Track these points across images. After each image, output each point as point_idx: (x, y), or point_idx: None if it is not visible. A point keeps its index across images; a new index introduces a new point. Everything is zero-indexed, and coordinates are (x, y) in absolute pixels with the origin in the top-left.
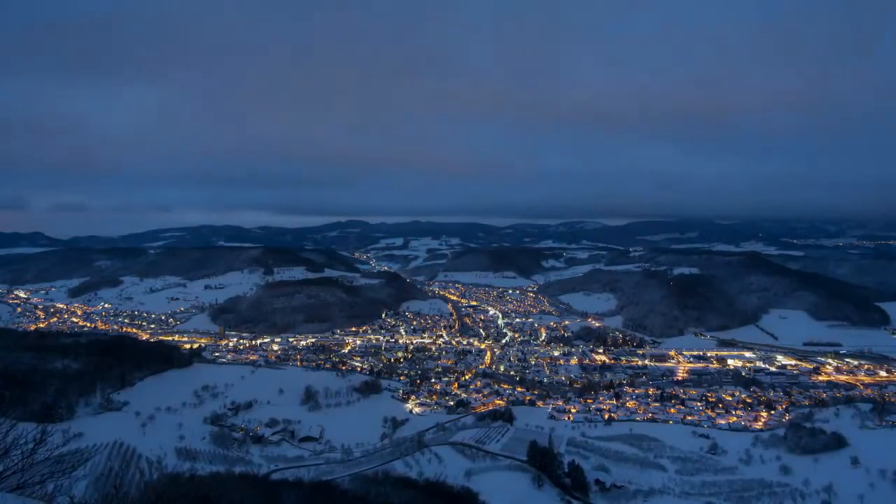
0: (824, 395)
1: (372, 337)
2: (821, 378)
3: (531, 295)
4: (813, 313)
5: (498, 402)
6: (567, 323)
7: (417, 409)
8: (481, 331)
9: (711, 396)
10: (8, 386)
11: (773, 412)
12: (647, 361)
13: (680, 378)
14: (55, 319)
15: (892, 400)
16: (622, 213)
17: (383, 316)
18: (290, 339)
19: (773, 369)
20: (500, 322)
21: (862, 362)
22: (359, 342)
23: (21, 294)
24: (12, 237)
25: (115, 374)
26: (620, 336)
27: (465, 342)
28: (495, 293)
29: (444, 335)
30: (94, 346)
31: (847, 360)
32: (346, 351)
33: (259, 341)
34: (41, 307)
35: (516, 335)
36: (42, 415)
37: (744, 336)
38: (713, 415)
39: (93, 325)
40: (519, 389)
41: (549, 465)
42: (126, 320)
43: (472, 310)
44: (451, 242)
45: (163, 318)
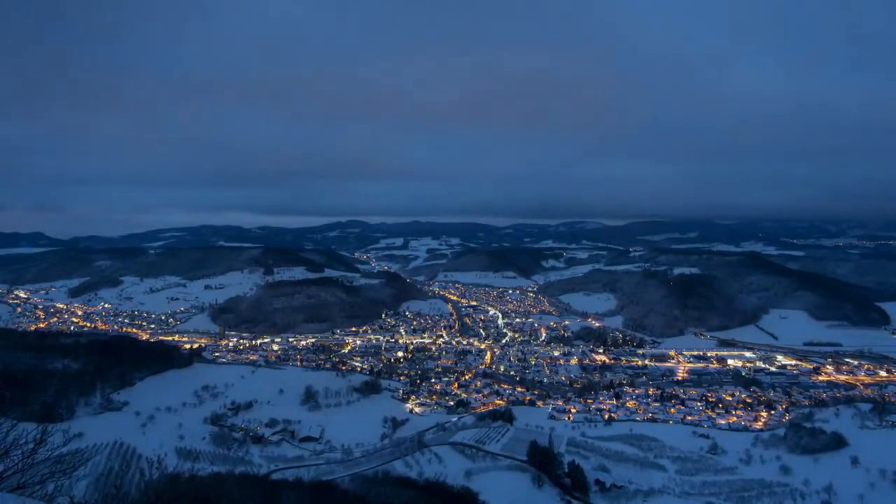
0: (824, 395)
1: (372, 337)
2: (821, 378)
3: (531, 295)
4: (813, 313)
5: (498, 402)
6: (567, 323)
7: (417, 409)
8: (481, 331)
9: (711, 396)
10: (8, 386)
11: (773, 412)
12: (647, 361)
13: (680, 378)
14: (55, 319)
15: (892, 400)
16: (622, 213)
17: (383, 316)
18: (290, 339)
19: (773, 369)
20: (500, 322)
21: (862, 362)
22: (359, 342)
23: (21, 294)
24: (12, 237)
25: (115, 374)
26: (620, 336)
27: (465, 342)
28: (495, 293)
29: (444, 335)
30: (94, 346)
31: (847, 360)
32: (346, 351)
33: (259, 341)
34: (41, 307)
35: (516, 335)
36: (42, 415)
37: (744, 336)
38: (713, 415)
39: (93, 325)
40: (519, 389)
41: (549, 465)
42: (126, 320)
43: (472, 310)
44: (451, 242)
45: (163, 318)
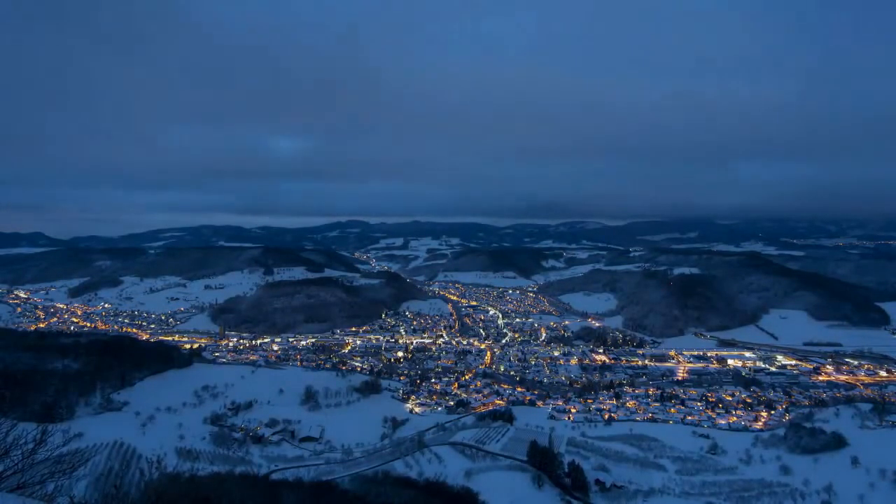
0: (824, 395)
1: (372, 337)
2: (821, 378)
3: (531, 295)
4: (813, 313)
5: (498, 402)
6: (567, 323)
7: (417, 409)
8: (481, 331)
9: (711, 396)
10: (8, 386)
11: (773, 412)
12: (647, 361)
13: (680, 378)
14: (55, 319)
15: (892, 400)
16: (622, 213)
17: (383, 316)
18: (290, 339)
19: (773, 369)
20: (500, 322)
21: (862, 362)
22: (359, 342)
23: (21, 294)
24: (12, 237)
25: (115, 374)
26: (620, 336)
27: (465, 342)
28: (495, 293)
29: (444, 335)
30: (93, 346)
31: (847, 360)
32: (346, 351)
33: (259, 341)
34: (41, 307)
35: (516, 335)
36: (42, 415)
37: (744, 336)
38: (713, 415)
39: (93, 325)
40: (519, 389)
41: (549, 465)
42: (126, 320)
43: (472, 310)
44: (451, 242)
45: (163, 318)
